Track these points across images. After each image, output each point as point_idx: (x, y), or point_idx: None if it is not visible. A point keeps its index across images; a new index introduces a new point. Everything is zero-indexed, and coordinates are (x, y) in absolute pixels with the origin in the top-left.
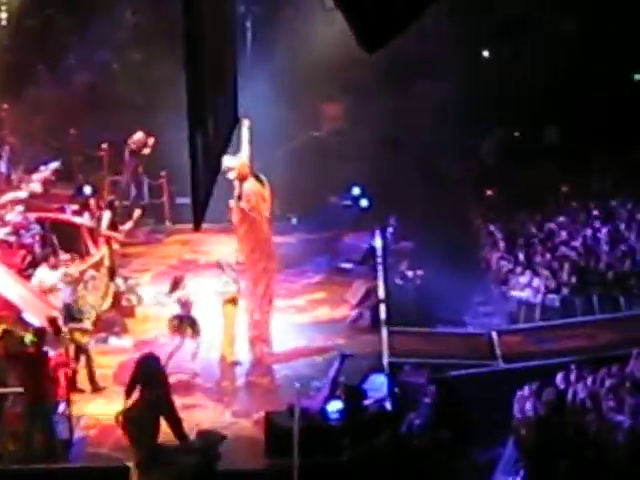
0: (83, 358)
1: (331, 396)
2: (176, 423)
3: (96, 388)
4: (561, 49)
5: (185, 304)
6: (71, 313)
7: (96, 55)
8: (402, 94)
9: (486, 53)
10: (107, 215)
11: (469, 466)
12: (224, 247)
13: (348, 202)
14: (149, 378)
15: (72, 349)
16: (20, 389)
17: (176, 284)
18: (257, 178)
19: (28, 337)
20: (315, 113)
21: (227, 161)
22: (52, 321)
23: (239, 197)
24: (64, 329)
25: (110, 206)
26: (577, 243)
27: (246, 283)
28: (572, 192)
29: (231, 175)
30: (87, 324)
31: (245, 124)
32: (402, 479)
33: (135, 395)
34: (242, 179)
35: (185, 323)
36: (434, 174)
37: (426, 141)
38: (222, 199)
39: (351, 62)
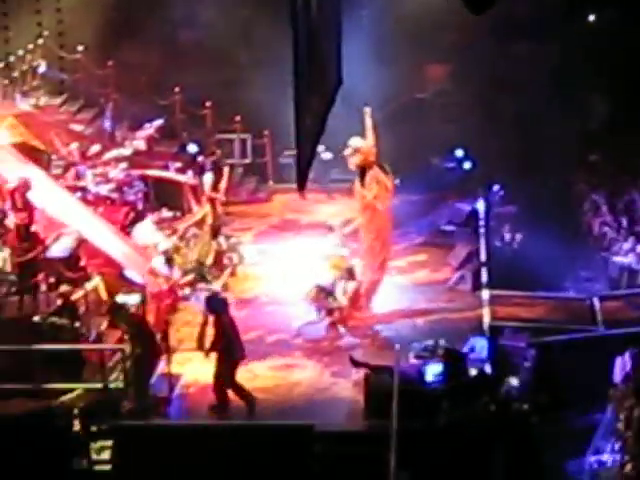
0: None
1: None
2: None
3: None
4: None
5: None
6: (201, 273)
7: (201, 12)
8: (507, 56)
9: (592, 17)
10: (209, 176)
11: (568, 431)
12: (326, 208)
13: (451, 164)
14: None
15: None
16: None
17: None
18: (382, 167)
19: (132, 299)
20: (419, 74)
21: (354, 142)
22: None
23: (362, 184)
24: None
25: (213, 166)
26: None
27: (364, 270)
28: None
29: (355, 159)
30: (215, 285)
31: (367, 112)
32: (500, 443)
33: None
34: (367, 166)
35: (329, 295)
36: (538, 138)
37: (530, 105)
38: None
39: (456, 23)
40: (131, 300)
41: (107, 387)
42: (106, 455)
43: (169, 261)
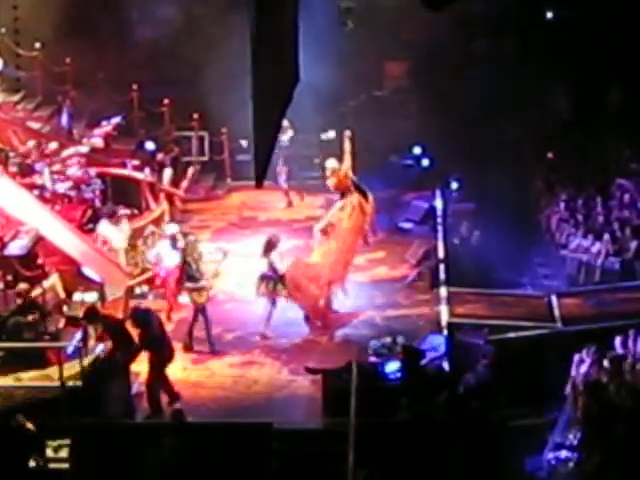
0: (201, 317)
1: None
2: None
3: (213, 349)
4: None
5: (273, 266)
6: (189, 273)
7: (158, 9)
8: (465, 53)
9: (550, 14)
10: (168, 172)
11: (526, 427)
12: (284, 204)
13: (409, 161)
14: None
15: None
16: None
17: (271, 245)
18: (359, 190)
19: (90, 296)
20: (377, 72)
21: (330, 163)
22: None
23: (341, 208)
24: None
25: (172, 163)
26: (638, 207)
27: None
28: (634, 155)
29: (331, 181)
30: (204, 283)
31: (347, 135)
32: (459, 440)
33: None
34: (340, 189)
35: (276, 284)
36: (496, 135)
37: (488, 101)
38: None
39: (414, 20)
40: (88, 298)
41: (64, 385)
42: (63, 453)
43: (174, 245)
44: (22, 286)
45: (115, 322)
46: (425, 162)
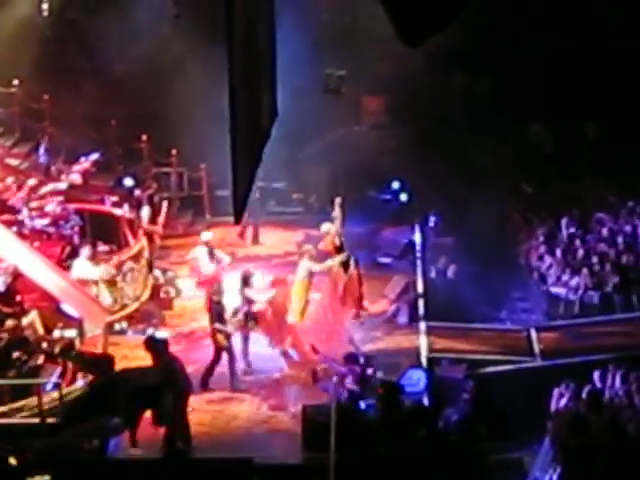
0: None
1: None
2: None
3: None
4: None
5: (250, 301)
6: (218, 312)
7: (136, 46)
8: (442, 88)
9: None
10: (146, 210)
11: (505, 462)
12: (266, 239)
13: (388, 196)
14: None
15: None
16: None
17: (246, 280)
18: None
19: (69, 333)
20: (355, 107)
21: (324, 227)
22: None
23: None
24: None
25: (150, 200)
26: (617, 240)
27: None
28: (612, 189)
29: (321, 244)
30: (230, 328)
31: (337, 202)
32: (438, 474)
33: None
34: (332, 251)
35: (249, 319)
36: (473, 169)
37: (466, 136)
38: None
39: (392, 55)
40: (68, 334)
41: (44, 421)
42: None
43: (211, 253)
44: (9, 323)
45: (92, 357)
46: (403, 197)
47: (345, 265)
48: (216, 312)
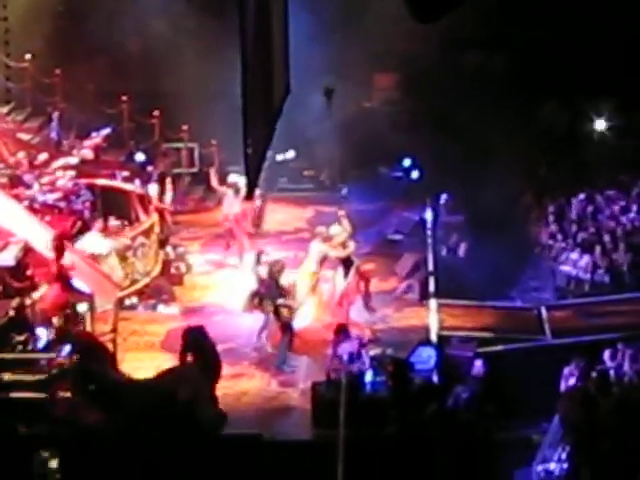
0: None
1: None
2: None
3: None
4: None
5: (263, 280)
6: (278, 289)
7: (149, 22)
8: (455, 66)
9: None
10: (154, 187)
11: (514, 440)
12: (274, 216)
13: (399, 173)
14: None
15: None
16: None
17: (257, 260)
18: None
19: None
20: (367, 83)
21: (333, 230)
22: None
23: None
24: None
25: (160, 176)
26: (628, 219)
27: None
28: (623, 167)
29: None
30: (292, 302)
31: (341, 214)
32: (447, 452)
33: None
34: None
35: (265, 300)
36: (485, 148)
37: (479, 114)
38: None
39: (405, 32)
40: (78, 309)
41: (54, 395)
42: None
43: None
44: (16, 301)
45: (87, 340)
46: (415, 174)
47: (346, 268)
48: (275, 288)
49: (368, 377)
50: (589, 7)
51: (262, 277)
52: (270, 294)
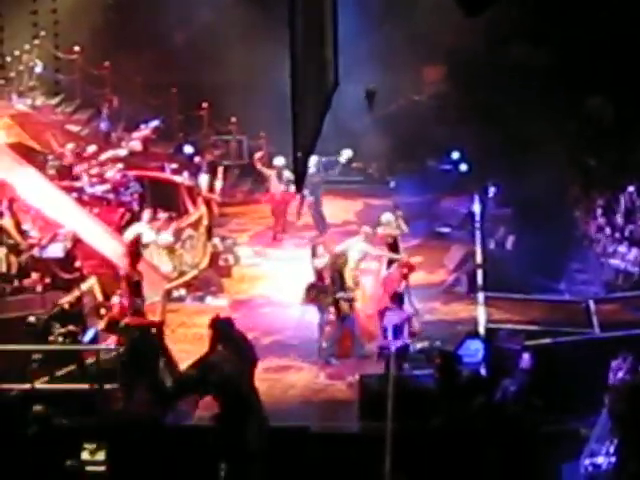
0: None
1: None
2: None
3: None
4: None
5: (321, 273)
6: (341, 283)
7: (198, 13)
8: (502, 59)
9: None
10: (205, 178)
11: (562, 434)
12: (325, 208)
13: (447, 166)
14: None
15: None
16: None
17: (313, 252)
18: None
19: None
20: (416, 76)
21: (384, 217)
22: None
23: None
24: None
25: (209, 167)
26: None
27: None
28: None
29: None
30: (353, 294)
31: (399, 214)
32: (495, 445)
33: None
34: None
35: (321, 293)
36: (533, 141)
37: (525, 107)
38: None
39: (453, 25)
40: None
41: (101, 387)
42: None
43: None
44: (68, 298)
45: (137, 329)
46: (463, 167)
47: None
48: (338, 281)
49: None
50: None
51: (320, 269)
52: (331, 287)
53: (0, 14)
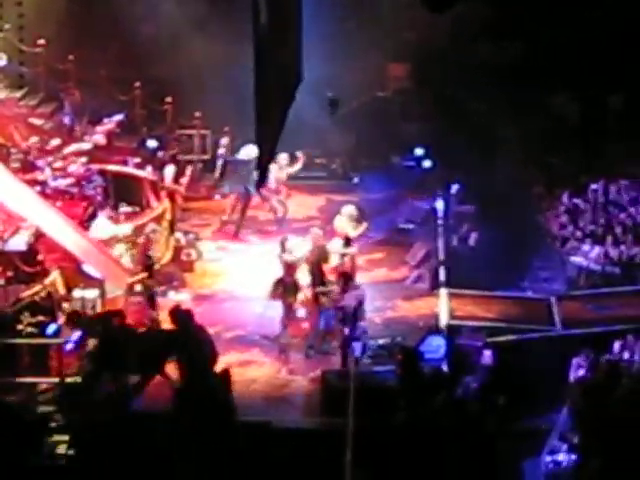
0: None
1: None
2: None
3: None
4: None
5: (289, 267)
6: (321, 277)
7: (162, 7)
8: (467, 56)
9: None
10: (170, 169)
11: (523, 431)
12: (289, 203)
13: (411, 163)
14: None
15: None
16: None
17: (282, 247)
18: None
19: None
20: (380, 73)
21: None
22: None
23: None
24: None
25: (173, 160)
26: (638, 210)
27: None
28: (636, 160)
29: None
30: (331, 287)
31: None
32: (455, 442)
33: None
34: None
35: (288, 289)
36: (497, 138)
37: (490, 105)
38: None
39: (418, 21)
40: (89, 294)
41: (63, 382)
42: (61, 449)
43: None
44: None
45: (99, 321)
46: (427, 163)
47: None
48: (318, 275)
49: None
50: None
51: (289, 264)
52: (311, 281)
53: None
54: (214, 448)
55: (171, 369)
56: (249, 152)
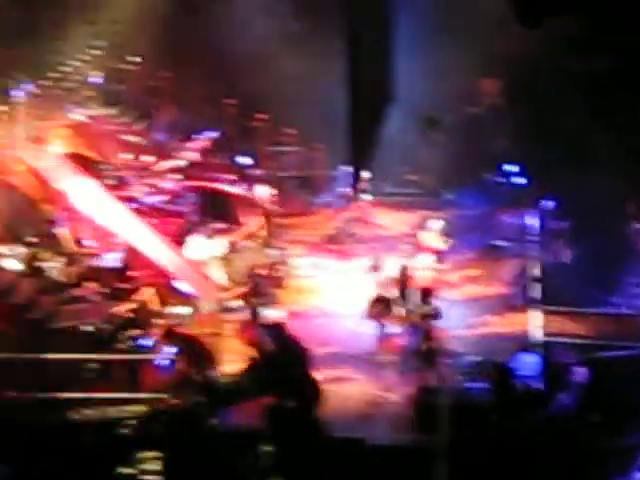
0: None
1: None
2: None
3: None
4: None
5: (383, 285)
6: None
7: (256, 25)
8: (559, 71)
9: None
10: (264, 188)
11: (617, 449)
12: (379, 220)
13: (504, 179)
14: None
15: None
16: None
17: (375, 267)
18: None
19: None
20: (473, 89)
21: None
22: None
23: None
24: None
25: (267, 179)
26: None
27: None
28: None
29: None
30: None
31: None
32: (548, 459)
33: None
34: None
35: (383, 306)
36: (591, 154)
37: (583, 120)
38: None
39: (509, 37)
40: (182, 311)
41: (157, 399)
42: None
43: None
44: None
45: (193, 340)
46: (520, 180)
47: None
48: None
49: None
50: None
51: (385, 282)
52: (400, 300)
53: (59, 24)
54: (308, 465)
55: None
56: None
